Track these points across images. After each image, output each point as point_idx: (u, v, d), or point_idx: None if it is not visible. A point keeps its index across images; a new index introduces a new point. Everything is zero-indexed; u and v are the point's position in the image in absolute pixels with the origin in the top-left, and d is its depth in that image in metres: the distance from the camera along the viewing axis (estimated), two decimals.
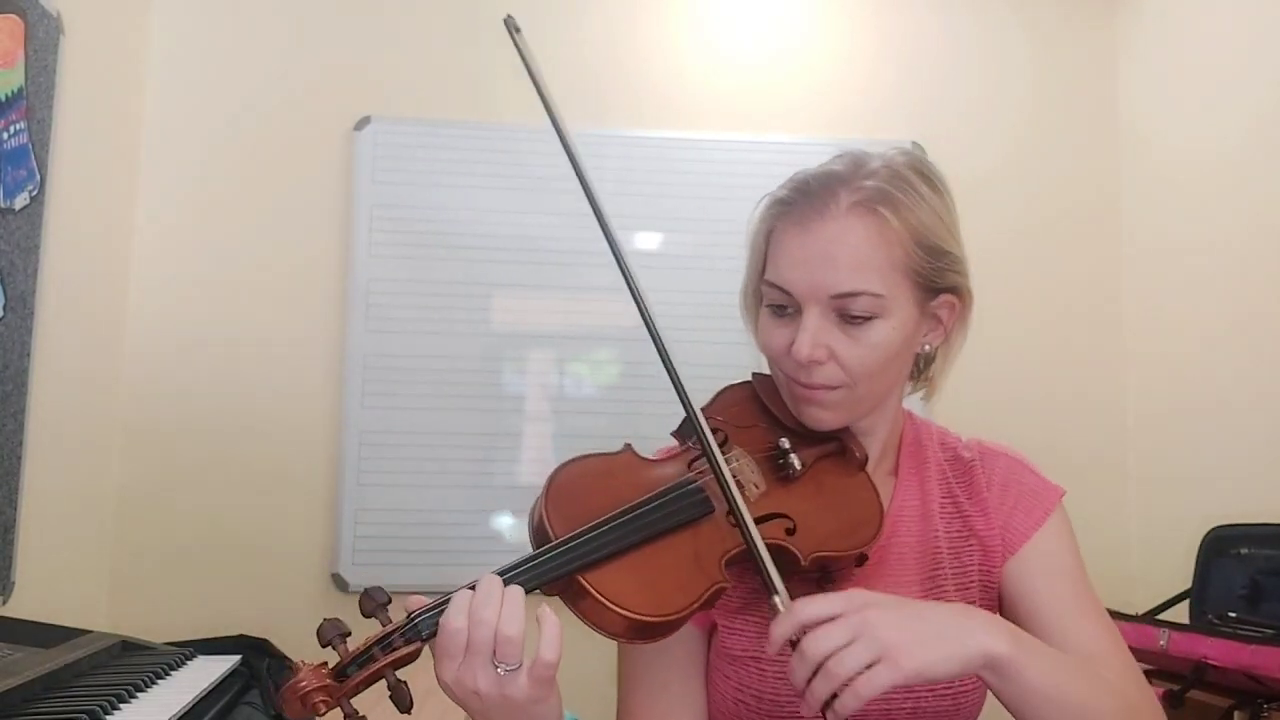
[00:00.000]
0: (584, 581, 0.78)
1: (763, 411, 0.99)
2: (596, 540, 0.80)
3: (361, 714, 0.74)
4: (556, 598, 0.80)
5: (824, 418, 0.94)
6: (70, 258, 2.08)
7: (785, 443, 0.94)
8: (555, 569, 0.78)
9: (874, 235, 0.89)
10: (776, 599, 0.79)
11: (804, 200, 0.93)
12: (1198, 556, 2.16)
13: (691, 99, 2.62)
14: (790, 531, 0.88)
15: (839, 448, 0.97)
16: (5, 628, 1.15)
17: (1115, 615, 2.09)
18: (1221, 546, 2.12)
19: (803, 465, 0.93)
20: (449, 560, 2.37)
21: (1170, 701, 1.84)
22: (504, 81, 2.58)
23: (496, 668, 0.73)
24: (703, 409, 0.91)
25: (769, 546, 0.83)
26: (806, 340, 0.89)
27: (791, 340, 0.91)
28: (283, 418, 2.42)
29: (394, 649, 0.74)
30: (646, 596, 0.78)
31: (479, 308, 2.48)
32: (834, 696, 0.74)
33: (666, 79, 2.62)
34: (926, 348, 0.98)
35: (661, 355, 0.88)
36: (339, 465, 2.39)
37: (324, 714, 0.72)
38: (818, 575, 0.90)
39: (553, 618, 0.75)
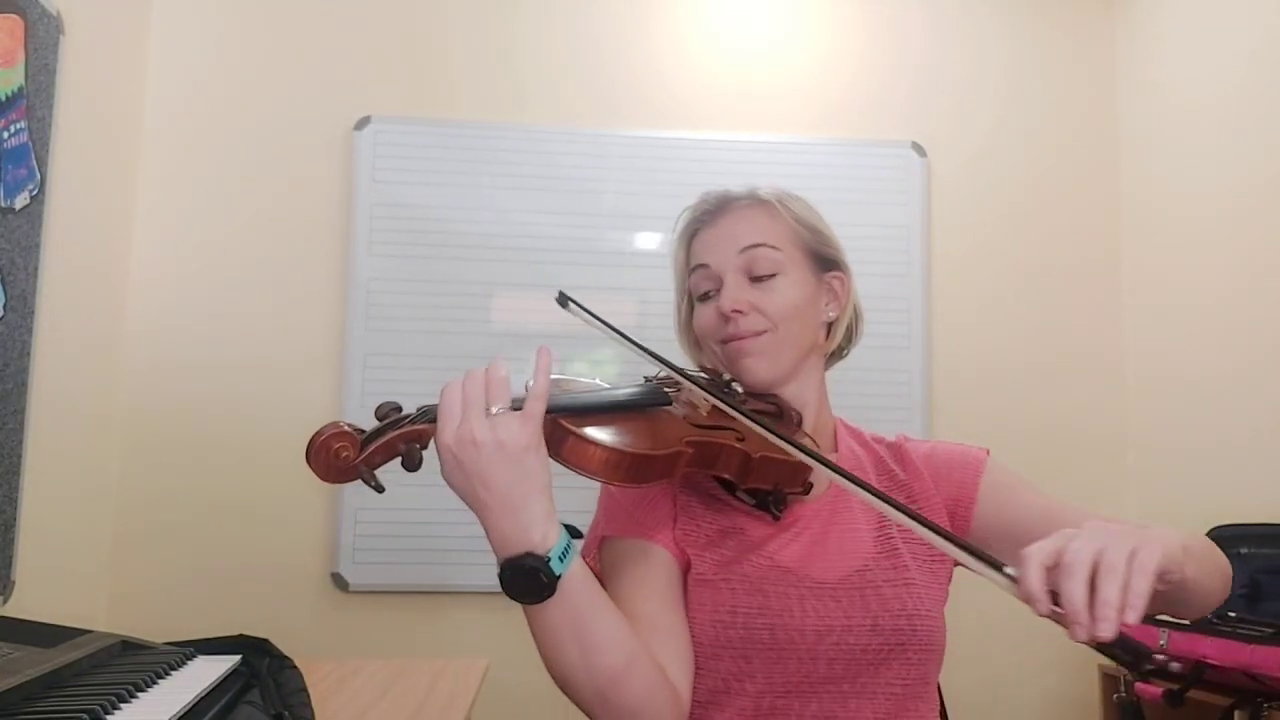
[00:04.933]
0: (565, 424, 0.90)
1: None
2: (575, 400, 0.93)
3: (376, 475, 0.86)
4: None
5: (756, 365, 1.10)
6: (70, 258, 2.08)
7: (727, 375, 1.11)
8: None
9: (766, 215, 1.14)
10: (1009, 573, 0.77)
11: (712, 206, 1.17)
12: None
13: (695, 99, 2.62)
14: (740, 439, 1.00)
15: (776, 410, 1.11)
16: (5, 627, 1.15)
17: None
18: (1221, 546, 2.12)
19: (744, 397, 1.08)
20: (449, 560, 2.37)
21: (1170, 701, 1.84)
22: (504, 81, 2.59)
23: (490, 409, 0.85)
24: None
25: (721, 444, 0.98)
26: (729, 295, 1.10)
27: (719, 308, 1.11)
28: (283, 416, 2.42)
29: (402, 426, 0.87)
30: (620, 439, 0.91)
31: (479, 307, 2.48)
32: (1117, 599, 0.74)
33: (670, 79, 2.62)
34: (831, 314, 1.17)
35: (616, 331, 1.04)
36: None
37: (346, 461, 0.84)
38: (771, 495, 1.04)
39: (545, 349, 0.90)
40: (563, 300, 1.08)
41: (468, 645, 2.37)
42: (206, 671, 1.13)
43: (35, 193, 1.91)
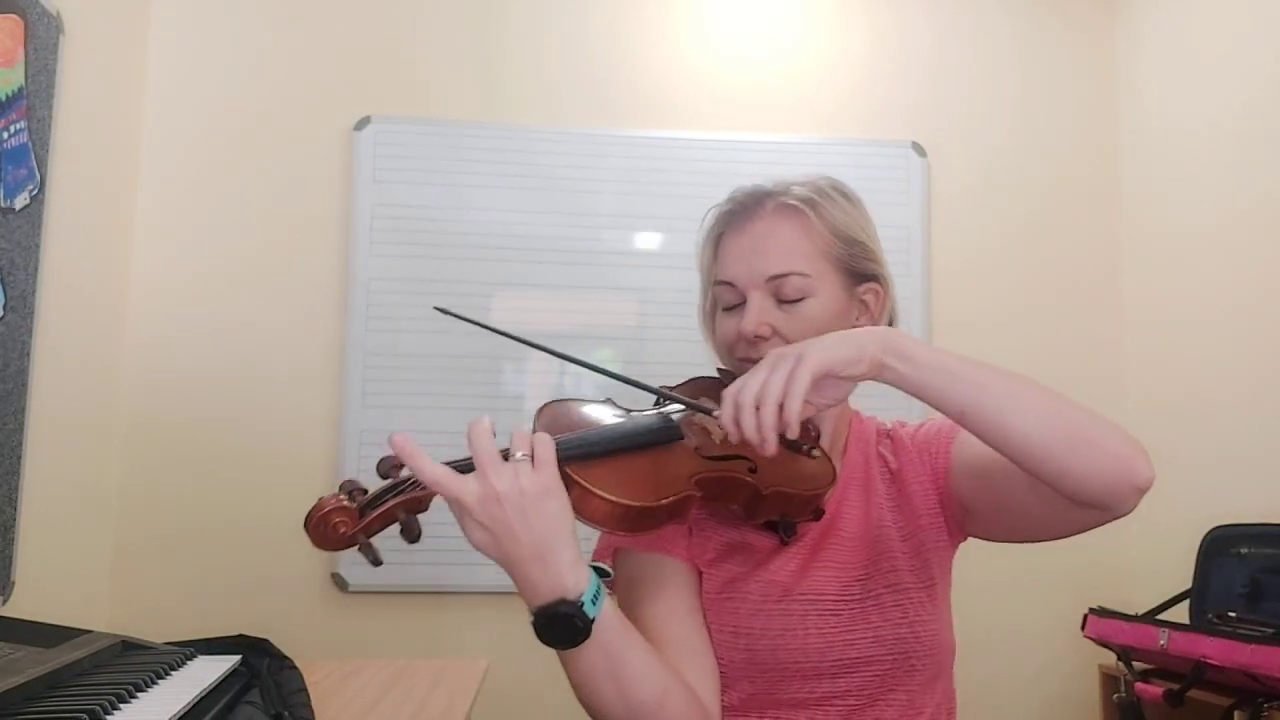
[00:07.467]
0: (571, 472, 0.88)
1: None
2: (583, 441, 0.92)
3: (373, 545, 0.85)
4: None
5: None
6: (70, 258, 2.08)
7: None
8: None
9: (797, 228, 1.08)
10: (716, 413, 0.92)
11: (740, 208, 1.11)
12: (1198, 556, 2.16)
13: (693, 99, 2.62)
14: (752, 470, 0.98)
15: None
16: (5, 628, 1.15)
17: (1115, 615, 2.10)
18: (1221, 546, 2.12)
19: None
20: (449, 560, 2.36)
21: (1170, 701, 1.84)
22: (504, 81, 2.59)
23: (508, 458, 0.83)
24: (673, 388, 1.08)
25: (731, 479, 0.97)
26: (752, 318, 1.06)
27: (740, 329, 1.07)
28: (283, 417, 2.42)
29: (403, 493, 0.85)
30: (626, 489, 0.89)
31: (479, 307, 2.48)
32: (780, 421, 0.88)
33: (669, 79, 2.62)
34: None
35: (608, 373, 1.04)
36: (339, 464, 2.39)
37: (343, 536, 0.83)
38: (779, 521, 1.03)
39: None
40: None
41: (468, 645, 2.37)
42: (206, 671, 1.13)
43: (35, 193, 1.91)
